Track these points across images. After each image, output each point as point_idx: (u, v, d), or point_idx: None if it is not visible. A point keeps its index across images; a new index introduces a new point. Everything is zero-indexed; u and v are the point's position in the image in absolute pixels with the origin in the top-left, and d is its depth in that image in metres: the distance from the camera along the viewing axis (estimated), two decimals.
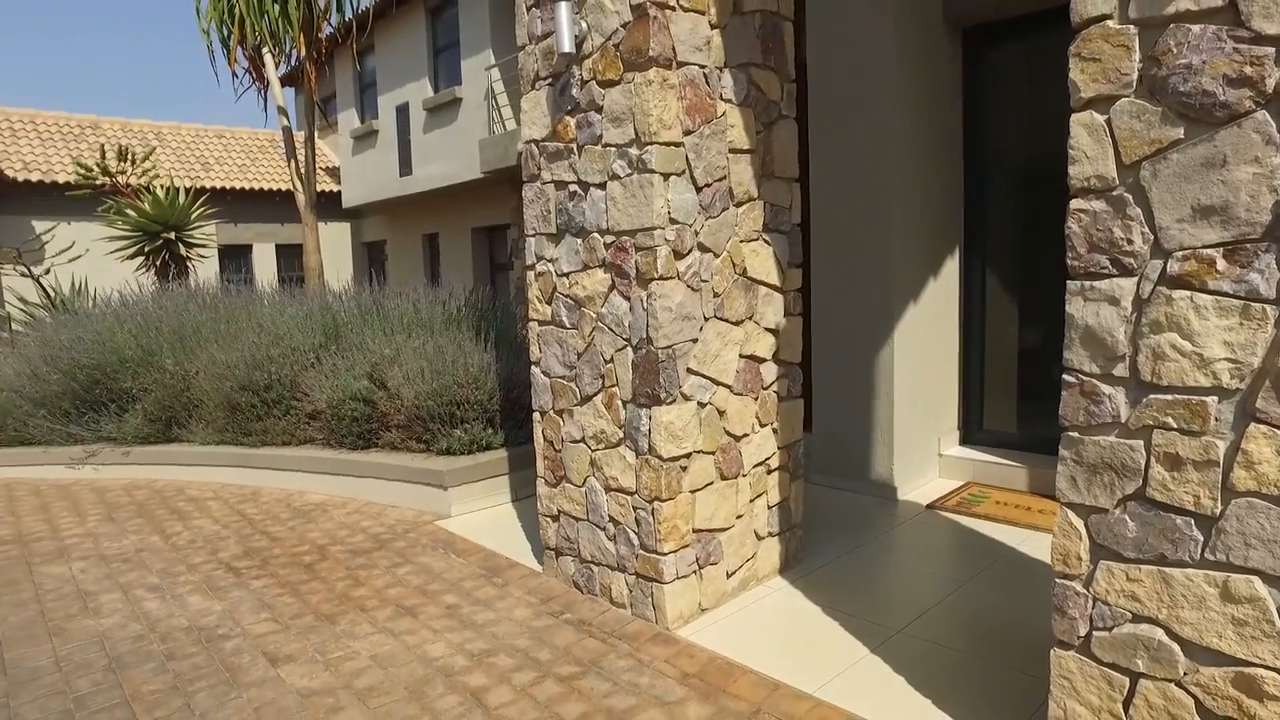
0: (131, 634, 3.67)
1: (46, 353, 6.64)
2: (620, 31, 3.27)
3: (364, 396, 5.49)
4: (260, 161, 17.37)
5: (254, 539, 4.89)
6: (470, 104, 12.04)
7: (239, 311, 6.73)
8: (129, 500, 5.86)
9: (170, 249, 10.97)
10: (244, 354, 5.96)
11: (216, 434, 6.21)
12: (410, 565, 4.35)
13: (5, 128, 15.17)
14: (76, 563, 4.63)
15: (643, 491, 3.43)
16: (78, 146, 15.24)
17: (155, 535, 5.06)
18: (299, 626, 3.67)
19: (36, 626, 3.79)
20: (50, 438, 6.59)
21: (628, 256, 3.34)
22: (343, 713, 2.94)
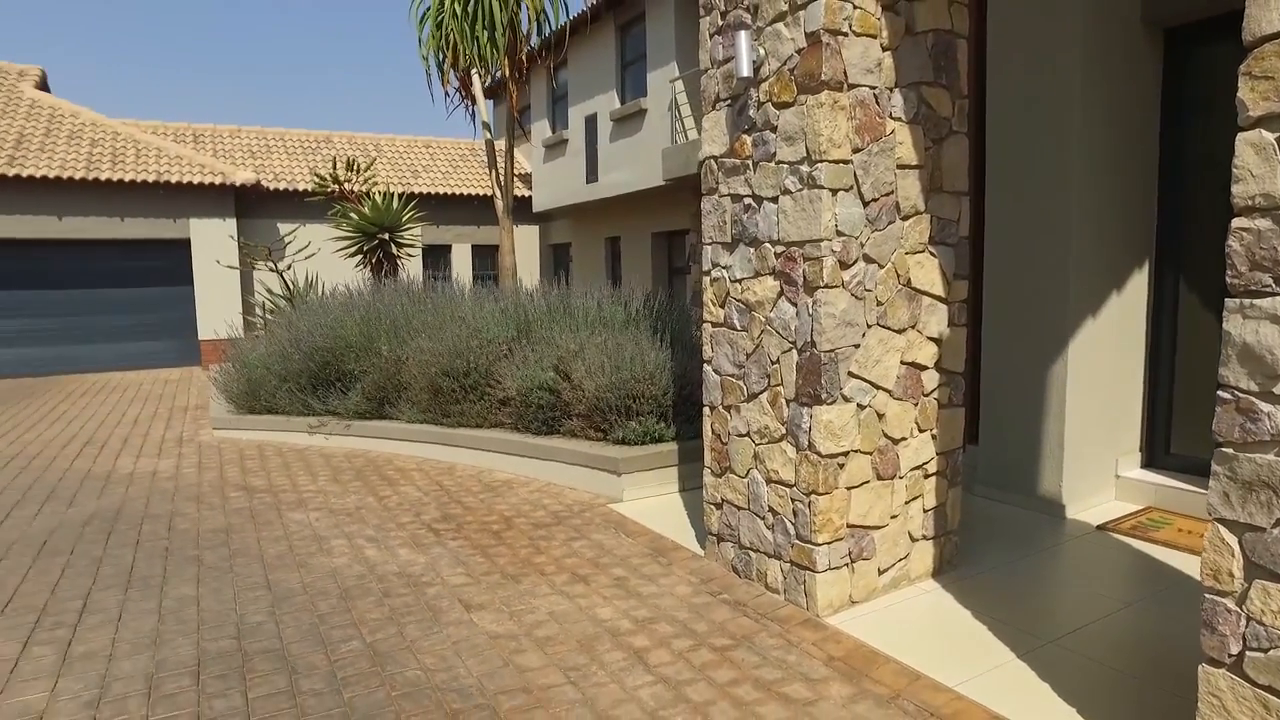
0: (356, 573, 4.36)
1: (292, 336, 7.79)
2: (795, 57, 3.53)
3: (550, 386, 6.06)
4: (461, 169, 18.91)
5: (450, 507, 5.55)
6: (654, 115, 12.60)
7: (443, 306, 7.54)
8: (349, 466, 6.77)
9: (384, 249, 12.29)
10: (447, 344, 6.71)
11: (420, 413, 7.02)
12: (584, 540, 4.81)
13: (261, 145, 17.51)
14: (312, 513, 5.48)
15: (801, 485, 3.67)
16: (314, 158, 17.30)
17: (370, 497, 5.86)
18: (488, 582, 4.20)
19: (287, 559, 4.58)
20: (291, 408, 7.72)
21: (796, 265, 3.60)
22: (524, 655, 3.40)
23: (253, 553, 4.74)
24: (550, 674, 3.24)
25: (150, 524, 5.34)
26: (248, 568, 4.49)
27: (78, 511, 5.69)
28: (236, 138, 17.88)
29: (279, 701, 3.07)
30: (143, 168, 14.20)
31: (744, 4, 3.83)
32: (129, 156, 14.48)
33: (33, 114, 15.12)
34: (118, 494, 6.13)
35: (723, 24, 4.00)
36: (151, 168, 14.28)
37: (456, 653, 3.43)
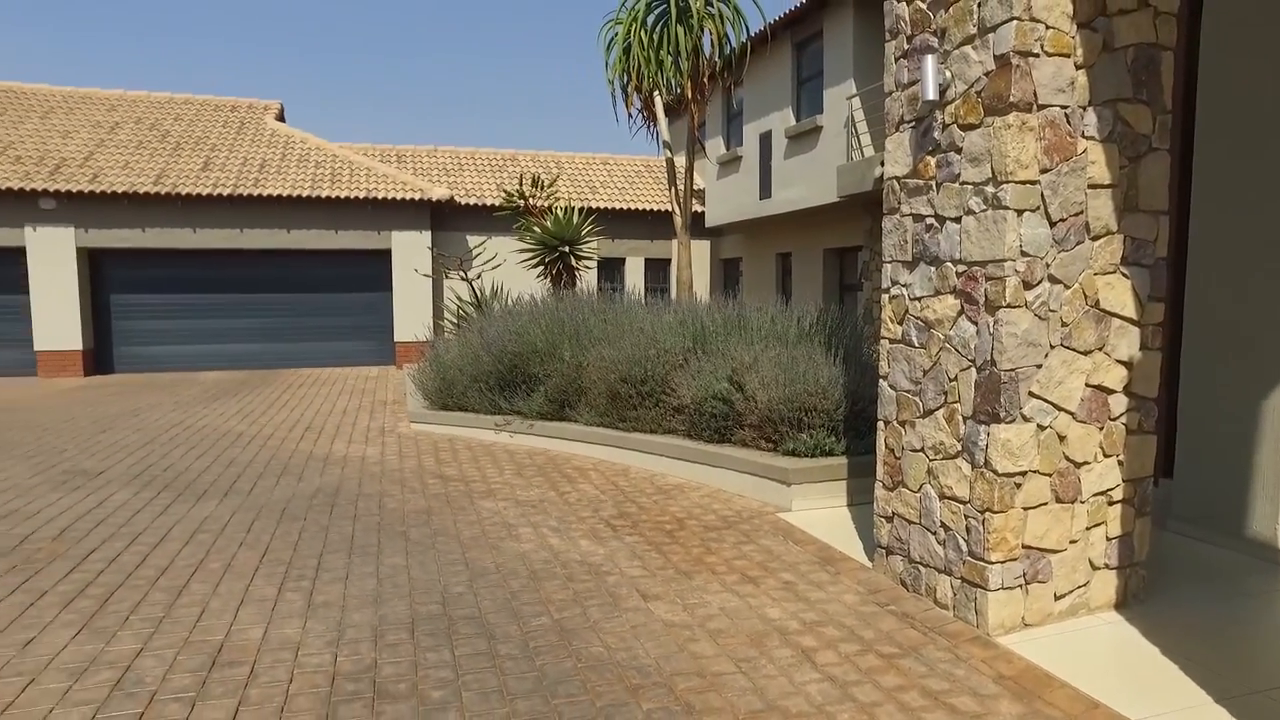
0: (542, 558, 4.77)
1: (483, 340, 8.50)
2: (982, 79, 3.58)
3: (723, 396, 6.29)
4: (636, 185, 19.60)
5: (626, 505, 5.89)
6: (829, 132, 12.60)
7: (622, 317, 7.96)
8: (531, 462, 7.30)
9: (564, 261, 13.01)
10: (626, 352, 7.11)
11: (598, 417, 7.45)
12: (753, 545, 4.99)
13: (454, 163, 18.99)
14: (501, 502, 6.00)
15: (975, 502, 3.69)
16: (501, 175, 18.53)
17: (552, 491, 6.32)
18: (662, 576, 4.48)
19: (481, 542, 5.08)
20: (480, 406, 8.42)
21: (978, 285, 3.64)
22: (697, 643, 3.64)
23: (451, 533, 5.27)
24: (722, 662, 3.45)
25: (364, 502, 6.05)
26: (447, 545, 5.02)
27: (306, 486, 6.52)
28: (433, 157, 19.47)
29: (480, 661, 3.47)
30: (355, 186, 15.80)
31: (931, 28, 3.92)
32: (344, 176, 16.16)
33: (272, 142, 17.21)
34: (335, 474, 6.95)
35: (908, 48, 4.10)
36: (362, 185, 15.85)
37: (635, 635, 3.72)
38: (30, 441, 8.43)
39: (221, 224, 15.14)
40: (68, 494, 6.30)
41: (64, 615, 3.98)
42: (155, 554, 4.88)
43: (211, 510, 5.82)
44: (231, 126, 17.77)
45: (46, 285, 14.53)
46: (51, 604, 4.12)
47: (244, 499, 6.14)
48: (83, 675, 3.37)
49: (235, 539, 5.16)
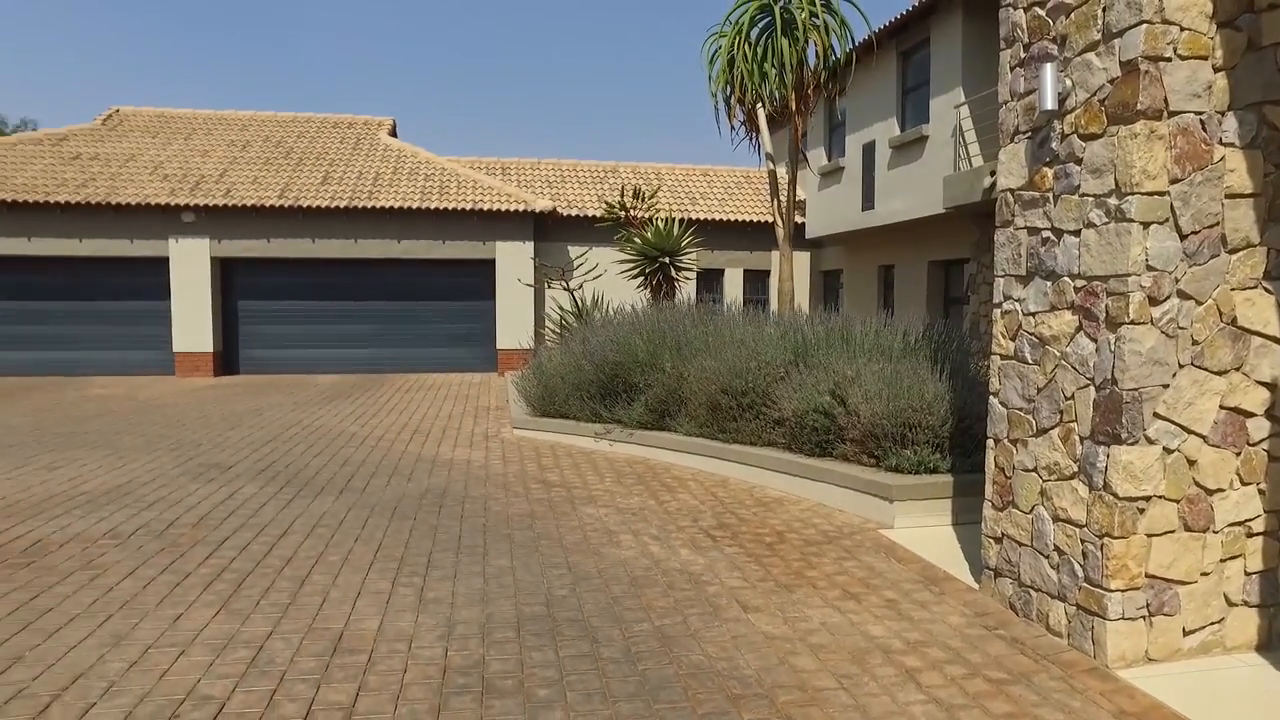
0: (643, 565, 4.84)
1: (585, 349, 8.67)
2: (1106, 87, 3.46)
3: (825, 410, 6.23)
4: (736, 196, 19.57)
5: (725, 516, 5.90)
6: (935, 141, 12.29)
7: (723, 328, 7.98)
8: (631, 471, 7.39)
9: (663, 272, 13.12)
10: (727, 364, 7.12)
11: (698, 427, 7.49)
12: (855, 561, 4.92)
13: (557, 175, 19.45)
14: (602, 509, 6.11)
15: (1093, 526, 3.54)
16: (602, 187, 18.84)
17: (651, 500, 6.39)
18: (763, 588, 4.47)
19: (583, 546, 5.19)
20: (581, 414, 8.59)
21: (1098, 300, 3.50)
22: (798, 657, 3.62)
23: (553, 537, 5.41)
24: (823, 678, 3.43)
25: (470, 504, 6.26)
26: (550, 549, 5.15)
27: (415, 486, 6.81)
28: (536, 169, 19.99)
29: (584, 663, 3.56)
30: (462, 198, 16.38)
31: (1049, 35, 3.81)
32: (452, 189, 16.78)
33: (385, 157, 18.06)
34: (442, 476, 7.22)
35: (1025, 56, 3.99)
36: (468, 198, 16.42)
37: (735, 646, 3.73)
38: (172, 436, 9.11)
39: (338, 234, 15.97)
40: (204, 485, 6.78)
41: (205, 595, 4.30)
42: (280, 545, 5.20)
43: (329, 506, 6.15)
44: (349, 142, 18.73)
45: (185, 292, 15.66)
46: (194, 584, 4.46)
47: (358, 496, 6.46)
48: (223, 651, 3.63)
49: (351, 534, 5.44)
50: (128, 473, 7.24)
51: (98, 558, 4.93)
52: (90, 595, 4.31)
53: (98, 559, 4.90)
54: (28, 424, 10.02)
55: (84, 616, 4.03)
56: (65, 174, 15.97)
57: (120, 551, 5.05)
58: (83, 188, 15.47)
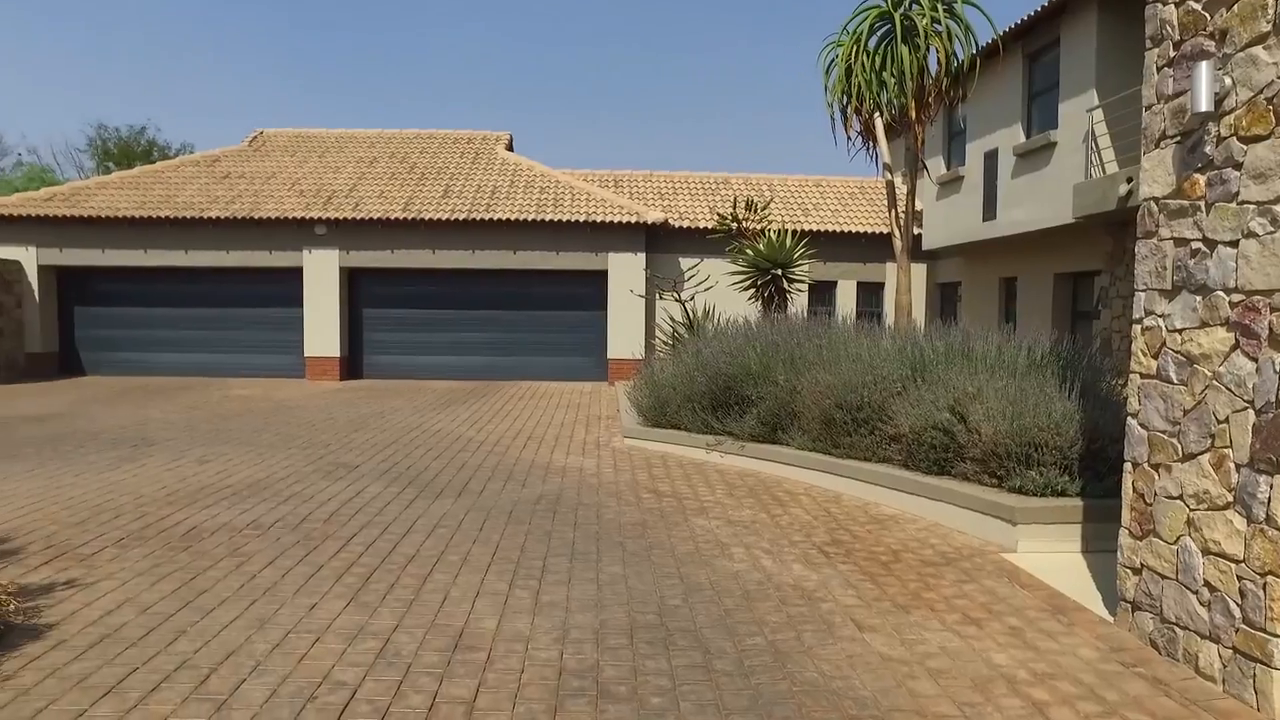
0: (755, 579, 4.80)
1: (697, 361, 8.70)
2: (1275, 83, 3.22)
3: (944, 427, 6.03)
4: (850, 206, 19.21)
5: (838, 533, 5.79)
6: (1065, 148, 11.70)
7: (837, 342, 7.85)
8: (742, 483, 7.35)
9: (776, 284, 13.00)
10: (842, 378, 7.00)
11: (810, 441, 7.38)
12: (975, 585, 4.73)
13: (669, 187, 19.62)
14: (713, 520, 6.11)
15: (1252, 562, 3.28)
16: (714, 199, 18.86)
17: (763, 513, 6.33)
18: (878, 608, 4.36)
19: (695, 557, 5.21)
20: (692, 425, 8.61)
21: (1259, 317, 3.26)
22: (916, 681, 3.51)
23: (665, 547, 5.44)
24: (943, 704, 3.31)
25: (583, 511, 6.38)
26: (662, 559, 5.18)
27: (529, 492, 6.99)
28: (649, 181, 20.21)
29: (697, 673, 3.57)
30: (575, 210, 16.74)
31: (1205, 30, 3.58)
32: (566, 201, 17.17)
33: (502, 170, 18.68)
34: (555, 482, 7.38)
35: (1175, 55, 3.77)
36: (582, 209, 16.76)
37: (850, 665, 3.66)
38: (304, 435, 9.68)
39: (457, 246, 16.61)
40: (333, 483, 7.18)
41: (336, 587, 4.56)
42: (404, 543, 5.45)
43: (448, 508, 6.40)
44: (468, 157, 19.47)
45: (316, 300, 16.64)
46: (327, 576, 4.73)
47: (475, 499, 6.69)
48: (354, 640, 3.84)
49: (469, 536, 5.64)
50: (266, 469, 7.74)
51: (242, 546, 5.29)
52: (237, 580, 4.64)
53: (242, 547, 5.27)
54: (182, 420, 10.87)
55: (232, 599, 4.34)
56: (216, 192, 17.28)
57: (261, 541, 5.41)
58: (230, 204, 16.70)
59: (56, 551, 5.12)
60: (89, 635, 3.86)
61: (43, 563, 4.91)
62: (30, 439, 9.29)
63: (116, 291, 17.26)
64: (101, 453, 8.47)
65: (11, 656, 3.63)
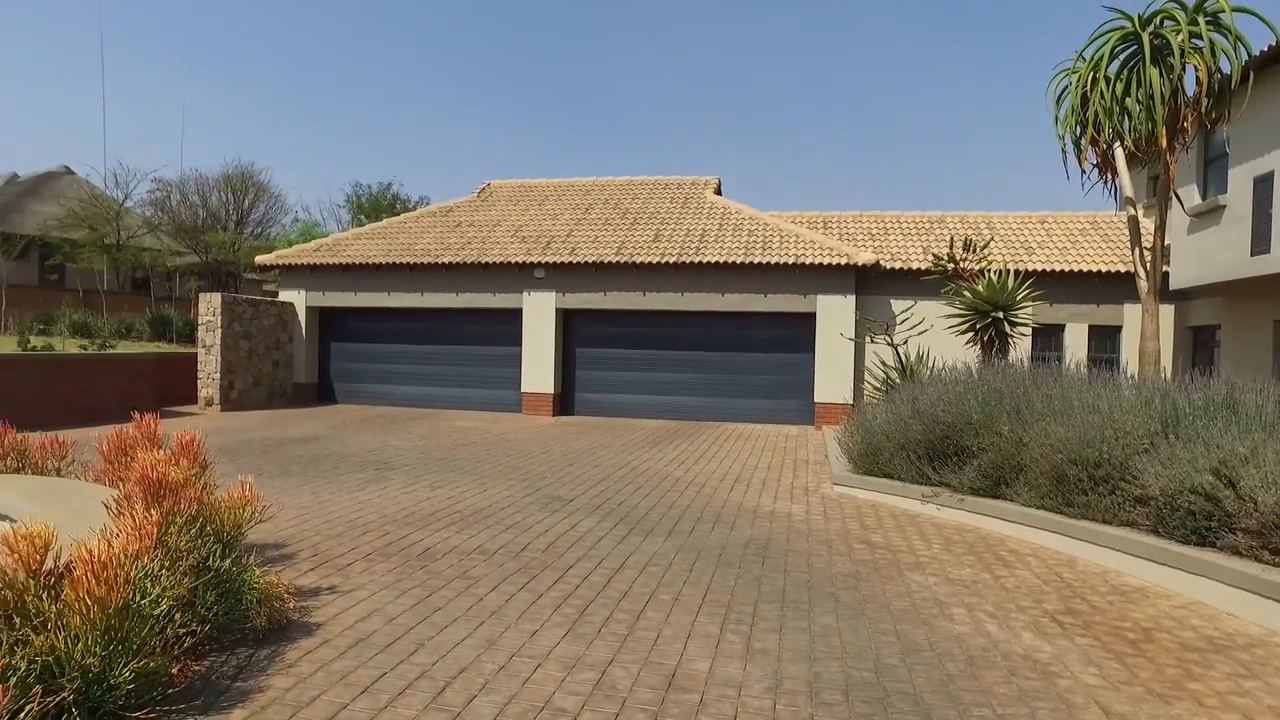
0: (979, 644, 4.48)
1: (913, 408, 8.33)
2: None
3: (1206, 492, 5.34)
4: (1080, 244, 17.69)
5: (1074, 601, 5.27)
6: None
7: (1069, 391, 7.22)
8: (960, 539, 6.91)
9: (996, 327, 12.20)
10: (1075, 430, 6.42)
11: (1038, 499, 6.81)
12: (1259, 682, 4.11)
13: (879, 228, 19.11)
14: (930, 577, 5.78)
15: None
16: (927, 238, 18.13)
17: (985, 573, 5.90)
18: (1129, 693, 3.91)
19: (911, 616, 4.95)
20: (906, 475, 8.22)
21: None
22: None
23: (880, 601, 5.21)
24: None
25: (792, 558, 6.26)
26: (877, 614, 4.97)
27: (738, 535, 6.97)
28: (858, 222, 19.78)
29: None
30: (783, 252, 16.69)
31: None
32: (774, 243, 17.18)
33: (710, 214, 19.07)
34: (764, 527, 7.31)
35: None
36: (790, 251, 16.68)
37: None
38: (521, 468, 10.29)
39: (666, 288, 17.09)
40: (549, 515, 7.55)
41: (555, 616, 4.78)
42: (617, 578, 5.61)
43: (659, 547, 6.52)
44: (677, 201, 20.06)
45: (533, 339, 17.74)
46: (546, 605, 4.98)
47: (685, 540, 6.77)
48: (572, 669, 4.00)
49: (680, 576, 5.71)
50: (489, 498, 8.30)
51: (470, 569, 5.69)
52: (467, 601, 4.99)
53: (470, 570, 5.67)
54: (415, 448, 11.93)
55: (463, 619, 4.67)
56: (449, 239, 19.00)
57: (487, 566, 5.79)
58: (461, 250, 18.28)
59: (320, 560, 5.78)
60: (347, 637, 4.32)
61: (310, 568, 5.56)
62: (298, 458, 10.59)
63: (364, 329, 19.39)
64: (351, 474, 9.47)
65: (292, 648, 4.14)
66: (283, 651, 4.10)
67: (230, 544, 4.43)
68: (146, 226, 33.13)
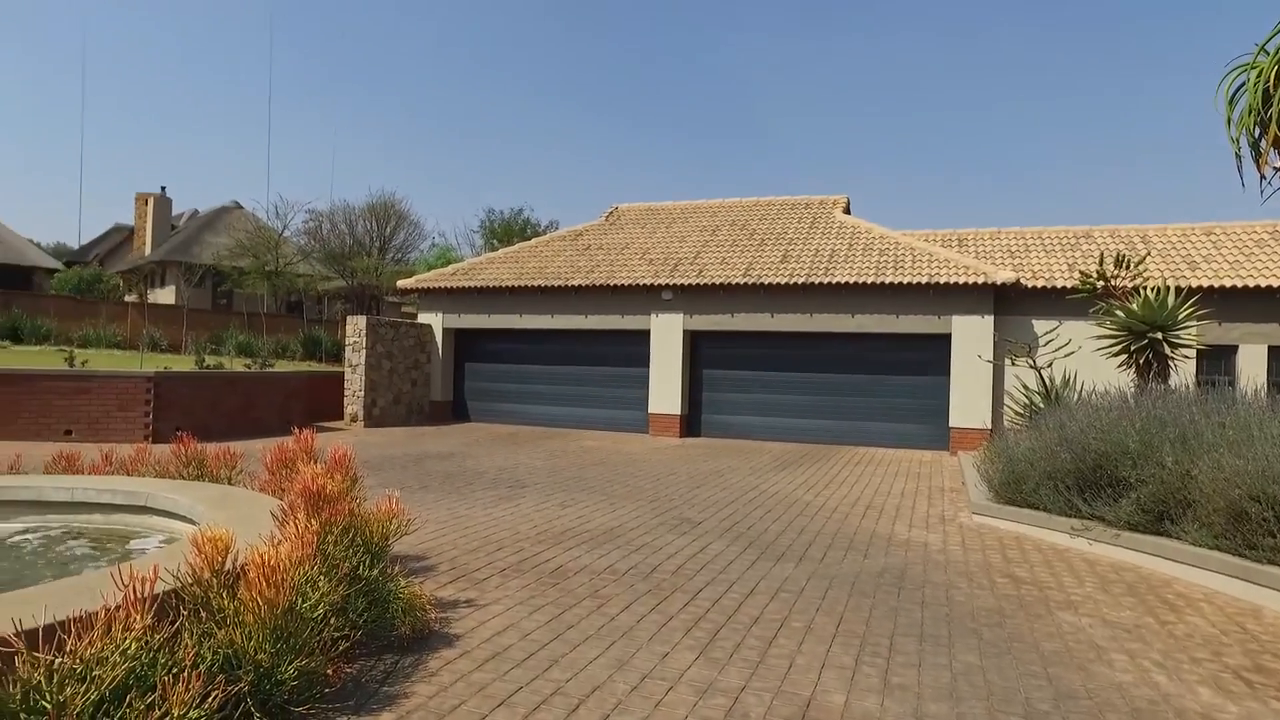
0: (1145, 696, 4.12)
1: (1060, 435, 7.82)
2: None
3: None
4: (1255, 257, 16.19)
5: (1263, 657, 4.76)
6: None
7: (1249, 419, 6.59)
8: (1118, 578, 6.40)
9: (1154, 349, 11.31)
10: (1257, 463, 5.84)
11: (1211, 538, 6.23)
12: None
13: (1019, 245, 18.18)
14: (1084, 618, 5.38)
15: None
16: (1073, 255, 17.09)
17: (1149, 617, 5.44)
18: None
19: (1064, 658, 4.62)
20: (1053, 506, 7.72)
21: None
22: None
23: (1027, 641, 4.90)
24: None
25: (930, 589, 5.99)
26: (1025, 654, 4.67)
27: (871, 563, 6.73)
28: (996, 239, 18.88)
29: None
30: (916, 271, 16.14)
31: None
32: (906, 262, 16.65)
33: (840, 234, 18.71)
34: (899, 556, 7.03)
35: None
36: (923, 271, 16.11)
37: None
38: (649, 489, 10.35)
39: (794, 309, 16.86)
40: (679, 536, 7.55)
41: (685, 639, 4.76)
42: (748, 603, 5.53)
43: (790, 572, 6.39)
44: (805, 221, 19.79)
45: (660, 361, 17.88)
46: (676, 627, 4.96)
47: (816, 566, 6.60)
48: (704, 694, 3.97)
49: (812, 603, 5.57)
50: (618, 518, 8.39)
51: (601, 588, 5.76)
52: (598, 620, 5.05)
53: (601, 589, 5.73)
54: (545, 466, 12.23)
55: (595, 638, 4.73)
56: (579, 263, 19.48)
57: (617, 586, 5.84)
58: (590, 273, 18.69)
59: (458, 573, 6.00)
60: (485, 650, 4.45)
61: (449, 580, 5.78)
62: (435, 473, 11.07)
63: (496, 350, 20.12)
64: (485, 490, 9.81)
65: (434, 657, 4.32)
66: (425, 660, 4.27)
67: (378, 554, 4.66)
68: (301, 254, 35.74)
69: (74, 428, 13.84)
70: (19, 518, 6.03)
